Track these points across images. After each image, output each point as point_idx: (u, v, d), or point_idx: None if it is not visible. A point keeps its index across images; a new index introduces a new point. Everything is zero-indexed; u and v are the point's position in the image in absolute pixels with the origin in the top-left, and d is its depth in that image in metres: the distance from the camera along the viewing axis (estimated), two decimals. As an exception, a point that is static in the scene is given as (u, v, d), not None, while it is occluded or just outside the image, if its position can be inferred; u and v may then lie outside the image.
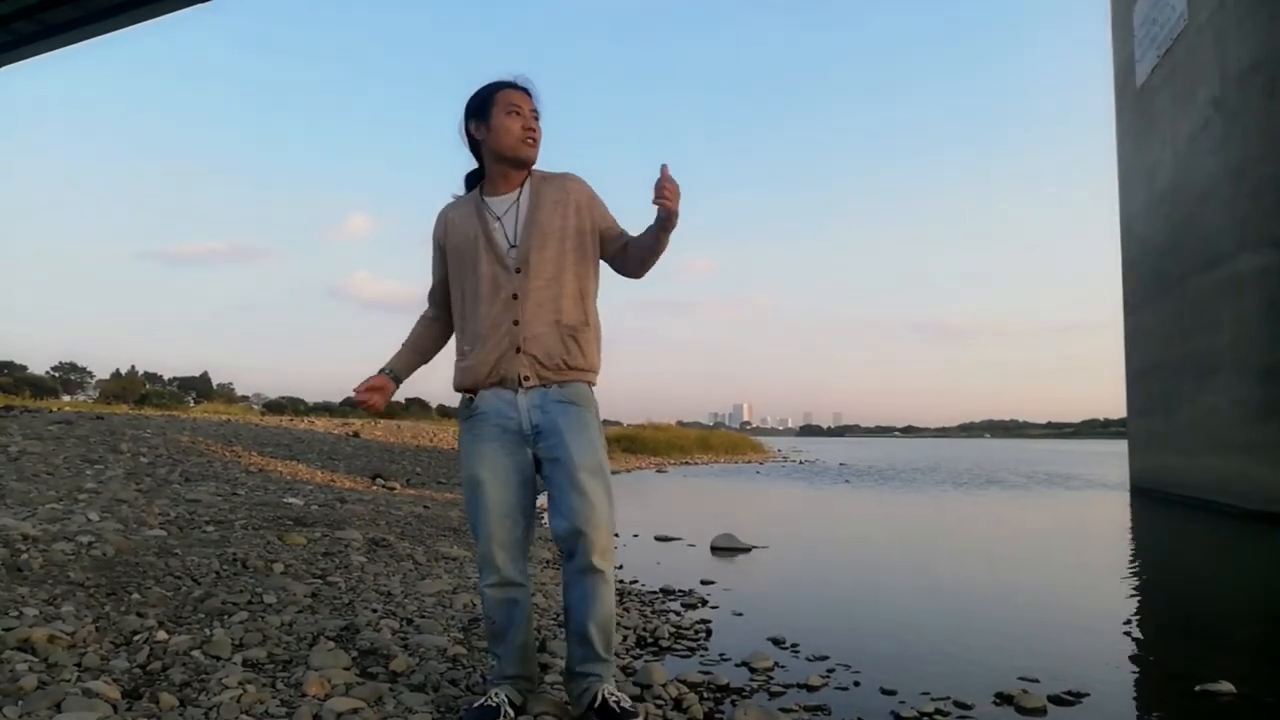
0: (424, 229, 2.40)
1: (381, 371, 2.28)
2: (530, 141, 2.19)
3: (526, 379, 2.12)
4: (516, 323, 2.12)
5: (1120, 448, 15.60)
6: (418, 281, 2.46)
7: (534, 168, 2.27)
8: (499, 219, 2.19)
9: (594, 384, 2.22)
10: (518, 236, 2.17)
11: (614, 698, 2.06)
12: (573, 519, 2.04)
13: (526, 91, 2.21)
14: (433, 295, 2.37)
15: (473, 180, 2.35)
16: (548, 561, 4.92)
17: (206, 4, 11.06)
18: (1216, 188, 10.03)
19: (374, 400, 2.20)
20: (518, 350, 2.12)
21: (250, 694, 2.18)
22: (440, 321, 2.36)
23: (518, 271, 2.14)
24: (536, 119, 2.21)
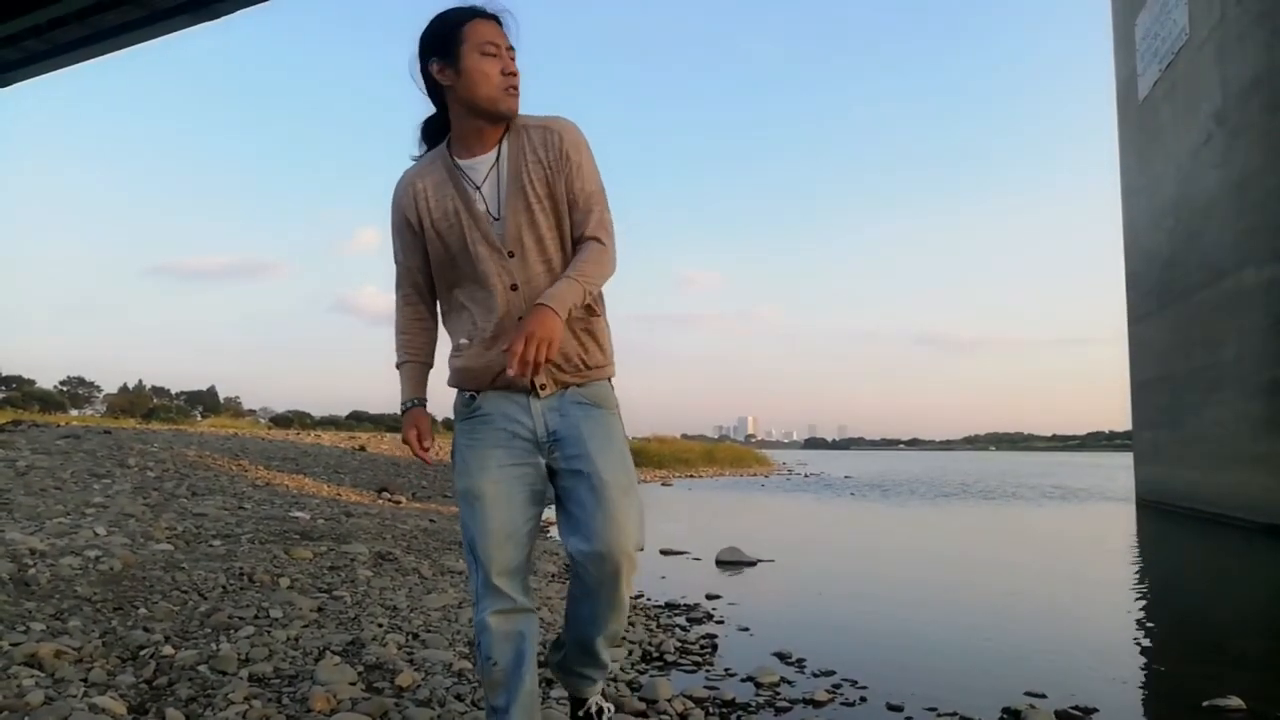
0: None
1: (409, 407, 1.89)
2: (512, 91, 1.76)
3: (543, 387, 1.78)
4: (521, 319, 1.71)
5: (1126, 460, 15.54)
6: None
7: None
8: (478, 188, 1.77)
9: (613, 376, 1.90)
10: (500, 209, 1.76)
11: (606, 707, 2.05)
12: (597, 543, 1.73)
13: (499, 22, 1.79)
14: (405, 283, 1.91)
15: (433, 131, 1.88)
16: (553, 575, 4.90)
17: (214, 22, 11.19)
18: (1219, 202, 10.04)
19: (428, 450, 1.87)
20: None
21: (256, 709, 2.19)
22: (430, 320, 1.95)
23: (510, 255, 1.75)
24: (513, 58, 1.78)
